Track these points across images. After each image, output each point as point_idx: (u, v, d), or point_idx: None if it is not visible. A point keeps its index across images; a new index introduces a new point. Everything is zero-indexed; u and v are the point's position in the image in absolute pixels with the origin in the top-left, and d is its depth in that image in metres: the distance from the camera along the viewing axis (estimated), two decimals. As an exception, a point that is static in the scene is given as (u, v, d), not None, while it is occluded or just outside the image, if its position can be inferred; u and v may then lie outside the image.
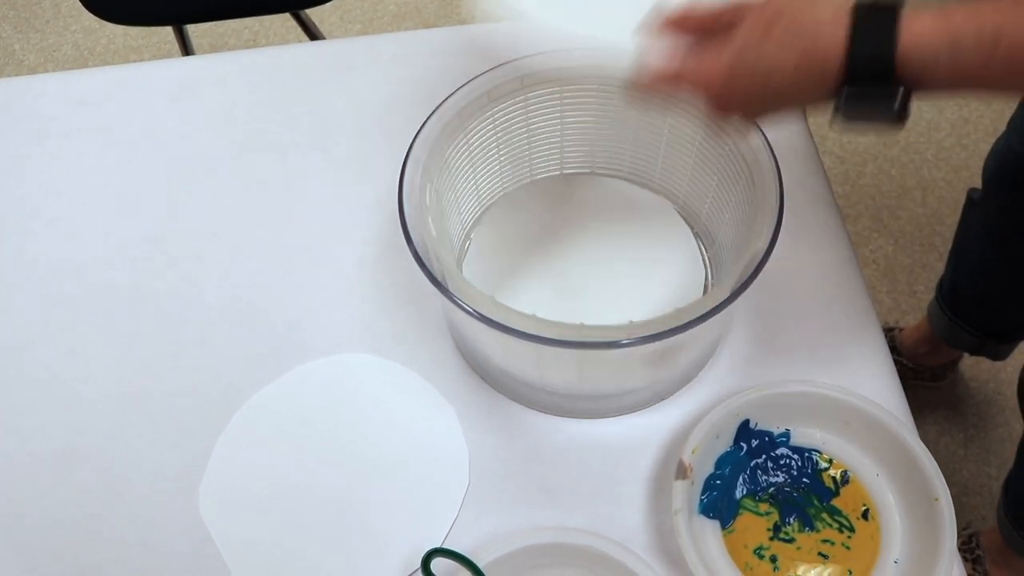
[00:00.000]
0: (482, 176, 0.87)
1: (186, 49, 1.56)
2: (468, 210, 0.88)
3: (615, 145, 0.88)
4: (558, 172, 0.92)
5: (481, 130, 0.82)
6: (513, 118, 0.83)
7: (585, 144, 0.89)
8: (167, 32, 2.30)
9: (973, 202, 1.26)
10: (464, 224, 0.88)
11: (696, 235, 0.87)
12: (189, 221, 0.95)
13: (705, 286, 0.84)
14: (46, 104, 1.05)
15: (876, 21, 0.55)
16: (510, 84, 0.80)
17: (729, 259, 0.79)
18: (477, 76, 0.78)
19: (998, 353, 1.44)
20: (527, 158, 0.89)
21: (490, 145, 0.84)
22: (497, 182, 0.89)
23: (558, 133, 0.87)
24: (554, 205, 0.90)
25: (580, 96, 0.83)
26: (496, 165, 0.87)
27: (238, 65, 1.07)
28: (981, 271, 1.30)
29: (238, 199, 0.96)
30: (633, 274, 0.85)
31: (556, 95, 0.82)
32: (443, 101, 0.77)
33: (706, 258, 0.86)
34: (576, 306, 0.83)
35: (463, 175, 0.84)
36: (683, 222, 0.88)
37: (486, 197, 0.90)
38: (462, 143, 0.81)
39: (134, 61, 2.23)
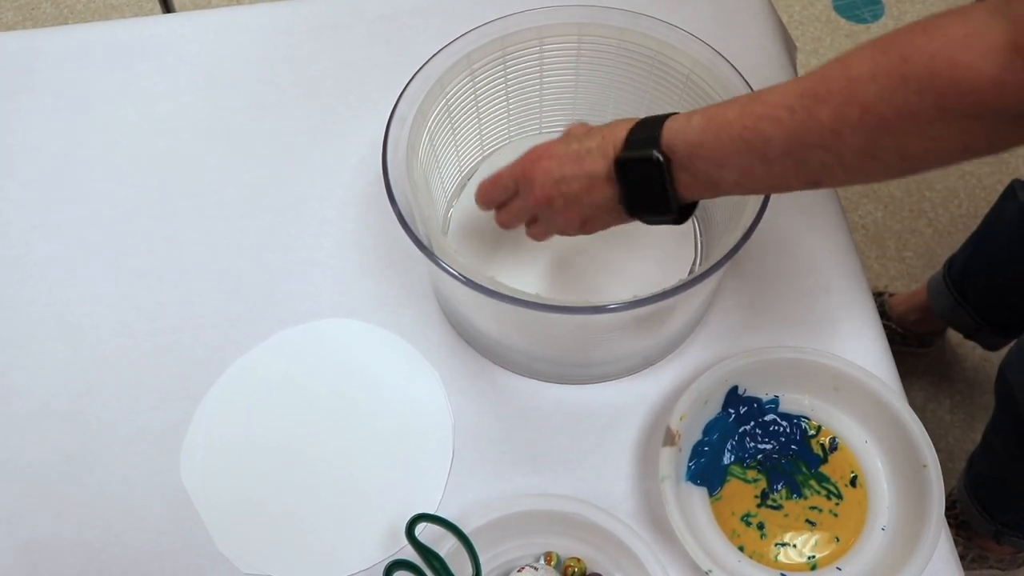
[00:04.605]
0: (487, 127, 0.85)
1: (167, 8, 1.53)
2: (467, 161, 0.87)
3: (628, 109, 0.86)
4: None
5: (488, 80, 0.81)
6: (525, 70, 0.82)
7: (597, 101, 0.87)
8: (149, -10, 2.26)
9: (1015, 193, 1.24)
10: (460, 177, 0.87)
11: (694, 216, 0.85)
12: (168, 182, 0.93)
13: (692, 270, 0.83)
14: (23, 61, 1.02)
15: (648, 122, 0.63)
16: (523, 34, 0.78)
17: (719, 237, 0.78)
18: (467, 32, 0.77)
19: (992, 343, 1.44)
20: (537, 111, 0.87)
21: (498, 96, 0.83)
22: (503, 132, 0.88)
23: (571, 87, 0.85)
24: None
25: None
26: (502, 116, 0.86)
27: (220, 23, 1.04)
28: (1002, 261, 1.29)
29: (218, 159, 0.94)
30: (623, 247, 0.84)
31: (574, 48, 0.81)
32: (430, 58, 0.76)
33: (699, 242, 0.84)
34: (561, 275, 0.82)
35: (454, 132, 0.82)
36: None
37: (488, 148, 0.88)
38: (451, 100, 0.79)
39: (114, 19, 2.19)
